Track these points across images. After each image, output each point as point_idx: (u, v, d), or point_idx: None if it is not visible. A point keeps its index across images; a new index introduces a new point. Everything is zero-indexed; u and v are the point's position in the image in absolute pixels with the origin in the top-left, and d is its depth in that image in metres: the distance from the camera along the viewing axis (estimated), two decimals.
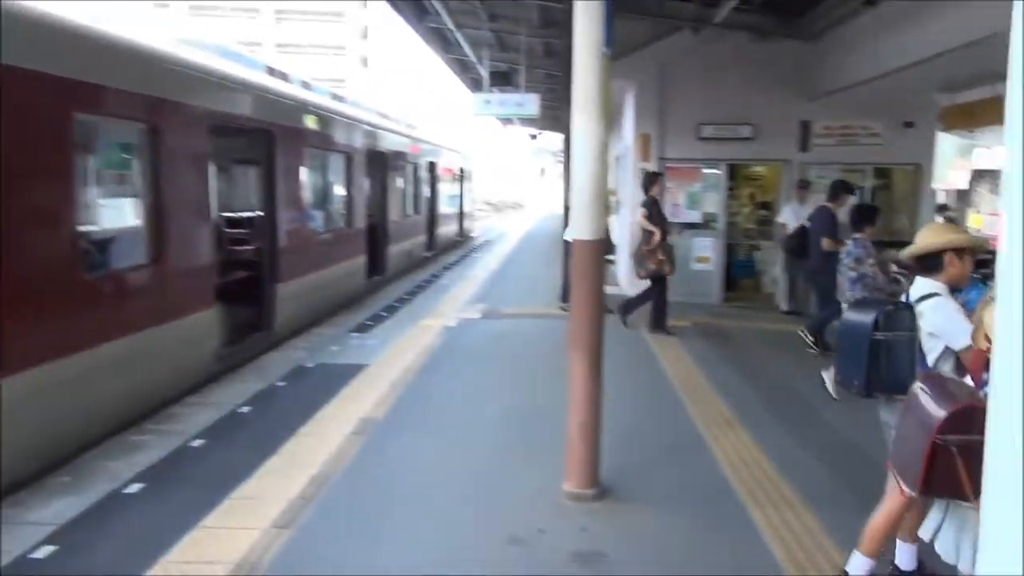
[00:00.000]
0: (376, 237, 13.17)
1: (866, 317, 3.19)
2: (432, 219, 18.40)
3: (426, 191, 17.90)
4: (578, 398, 4.26)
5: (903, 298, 3.33)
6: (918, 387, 2.79)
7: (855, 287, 6.46)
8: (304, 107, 9.75)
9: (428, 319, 9.67)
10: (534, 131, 27.17)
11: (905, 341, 3.12)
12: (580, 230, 4.19)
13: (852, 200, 8.08)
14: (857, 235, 6.59)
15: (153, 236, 6.15)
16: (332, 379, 6.71)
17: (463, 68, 17.08)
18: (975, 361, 2.81)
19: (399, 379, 6.77)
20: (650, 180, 9.18)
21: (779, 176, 11.73)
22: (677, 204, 11.36)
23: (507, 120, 21.96)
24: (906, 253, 3.41)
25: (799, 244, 8.66)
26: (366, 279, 12.41)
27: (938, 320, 3.09)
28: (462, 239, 23.52)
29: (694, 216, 11.41)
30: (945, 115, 9.88)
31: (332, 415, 5.77)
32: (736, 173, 12.39)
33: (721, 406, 6.27)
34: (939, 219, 13.80)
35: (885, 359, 3.12)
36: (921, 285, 3.24)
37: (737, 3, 9.28)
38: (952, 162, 14.91)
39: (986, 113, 8.82)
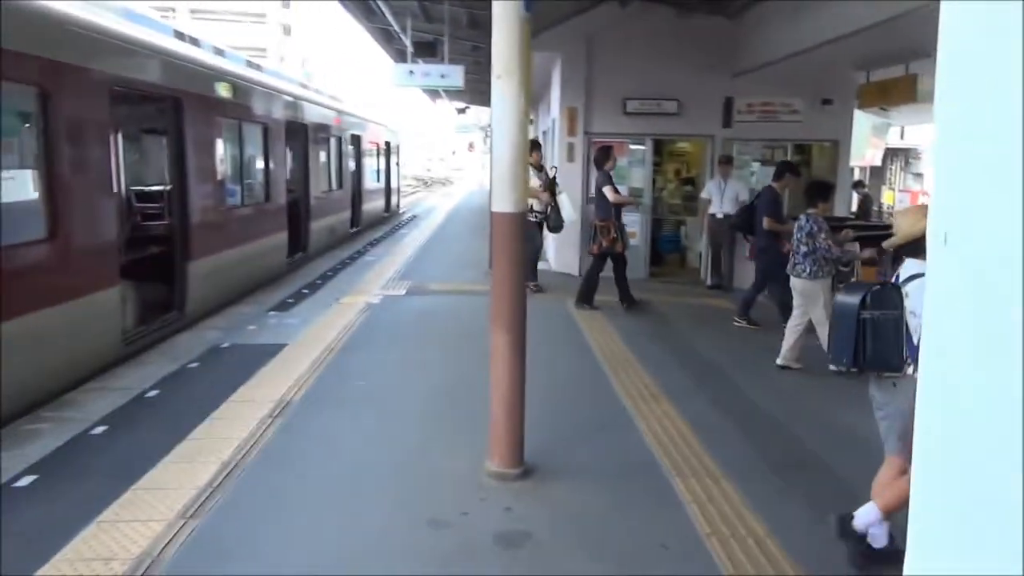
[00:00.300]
0: (297, 213, 12.72)
1: (855, 297, 3.27)
2: (357, 194, 17.93)
3: (351, 165, 17.42)
4: (501, 375, 4.14)
5: (892, 278, 3.37)
6: None
7: (806, 261, 6.57)
8: (216, 74, 9.25)
9: (351, 296, 9.40)
10: (462, 105, 26.83)
11: (891, 320, 3.18)
12: (500, 201, 4.05)
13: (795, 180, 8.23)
14: (811, 210, 6.71)
15: (48, 210, 5.71)
16: (248, 360, 6.42)
17: (387, 39, 16.58)
18: None
19: (319, 359, 6.53)
20: (604, 155, 9.12)
21: (703, 152, 11.85)
22: None
23: (434, 93, 21.55)
24: (888, 244, 3.47)
25: (745, 221, 8.73)
26: (287, 256, 11.99)
27: (919, 300, 3.15)
28: (389, 215, 23.07)
29: (622, 191, 11.40)
30: (861, 93, 10.11)
31: (247, 397, 5.51)
32: (662, 148, 12.48)
33: (647, 379, 6.27)
34: (855, 196, 14.27)
35: (871, 337, 3.20)
36: (910, 266, 3.30)
37: None
38: (868, 139, 15.38)
39: (900, 91, 9.06)
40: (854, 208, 14.17)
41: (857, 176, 14.99)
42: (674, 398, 5.80)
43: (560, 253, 11.89)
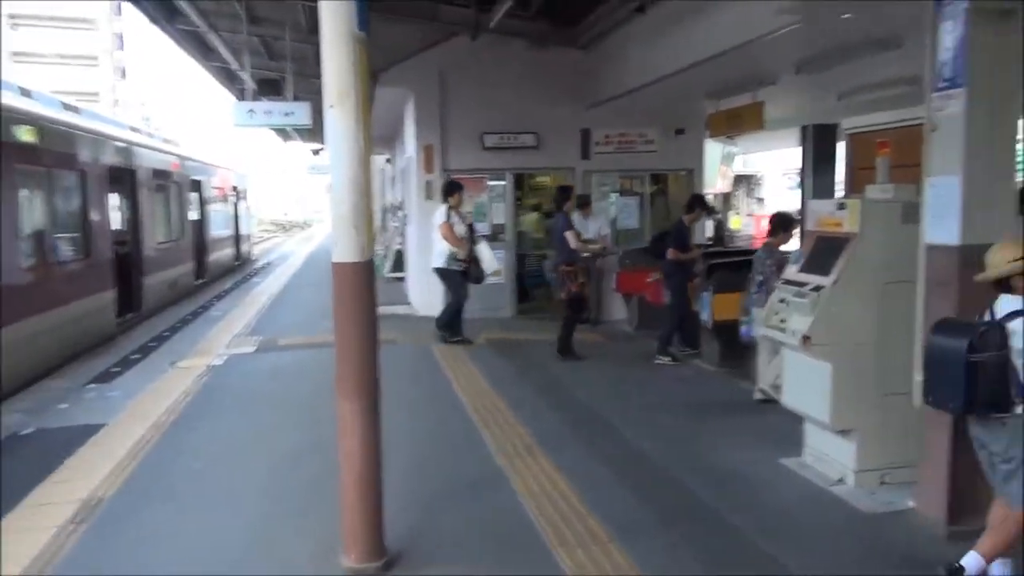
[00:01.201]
0: (129, 267, 11.44)
1: (959, 341, 3.18)
2: (201, 244, 16.61)
3: (193, 213, 16.13)
4: (351, 451, 3.51)
5: (987, 317, 3.28)
6: None
7: (762, 290, 6.32)
8: (17, 117, 8.09)
9: (190, 358, 8.39)
10: (316, 146, 25.84)
11: (999, 361, 3.10)
12: (342, 249, 3.46)
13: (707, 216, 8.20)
14: (769, 240, 6.61)
15: None
16: (54, 448, 5.39)
17: (229, 77, 15.60)
18: None
19: (144, 438, 5.59)
20: (563, 195, 8.70)
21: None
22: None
23: (285, 134, 20.56)
24: (982, 278, 3.35)
25: (658, 249, 8.54)
26: (116, 317, 10.69)
27: (1019, 339, 3.09)
28: (240, 263, 21.66)
29: (482, 228, 11.02)
30: (712, 121, 10.31)
31: (44, 499, 4.52)
32: (522, 183, 12.26)
33: (521, 430, 5.80)
34: (708, 222, 14.61)
35: (983, 380, 3.11)
36: (1007, 302, 3.23)
37: (511, 9, 9.03)
38: (717, 168, 15.93)
39: (748, 118, 9.25)
40: (710, 234, 14.51)
41: (711, 202, 15.44)
42: (551, 449, 5.34)
43: (423, 295, 11.32)
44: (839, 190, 12.85)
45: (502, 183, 11.27)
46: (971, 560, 3.37)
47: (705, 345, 8.16)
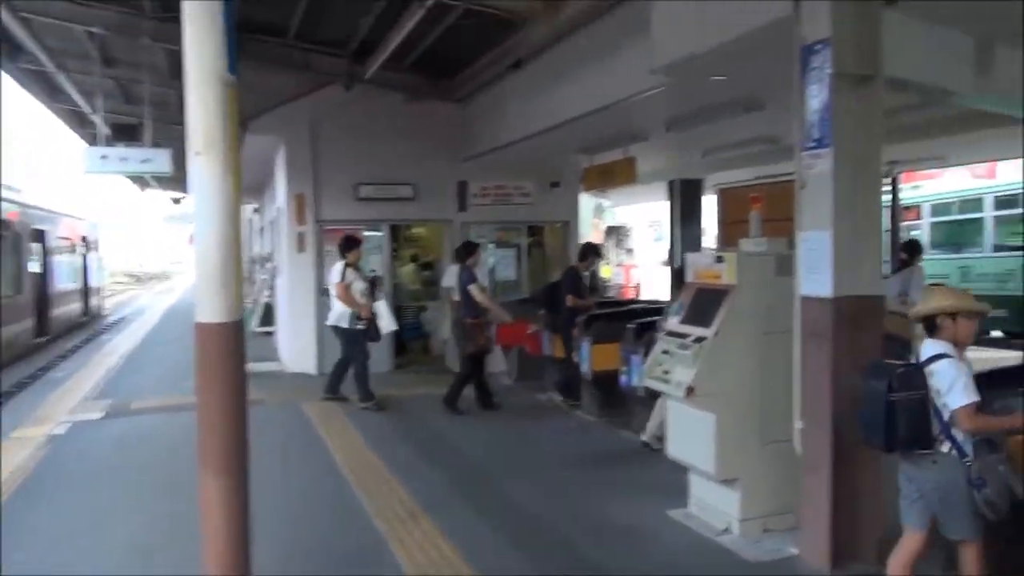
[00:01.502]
0: None
1: (881, 382, 3.33)
2: (42, 298, 15.19)
3: (34, 265, 14.76)
4: (215, 534, 3.13)
5: (912, 360, 3.47)
6: None
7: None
8: None
9: (26, 427, 7.49)
10: (177, 194, 24.53)
11: (918, 400, 3.26)
12: (206, 308, 3.13)
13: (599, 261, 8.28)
14: (577, 264, 7.09)
15: None
16: None
17: (80, 121, 14.56)
18: (968, 421, 3.20)
19: None
20: (466, 250, 8.50)
21: (441, 236, 11.60)
22: None
23: (143, 182, 19.37)
24: (912, 315, 3.58)
25: (549, 299, 8.57)
26: None
27: (943, 380, 3.27)
28: (89, 318, 20.00)
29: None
30: (585, 176, 10.56)
31: None
32: (398, 234, 12.05)
33: (403, 494, 5.49)
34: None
35: (902, 418, 3.27)
36: (930, 346, 3.40)
37: (386, 62, 8.95)
38: (590, 220, 16.36)
39: (621, 173, 9.52)
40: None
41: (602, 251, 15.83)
42: (434, 513, 5.07)
43: (294, 351, 10.77)
44: (705, 242, 13.49)
45: (378, 234, 11.01)
46: None
47: (585, 396, 8.16)
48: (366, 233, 10.90)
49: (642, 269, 22.33)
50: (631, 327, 6.88)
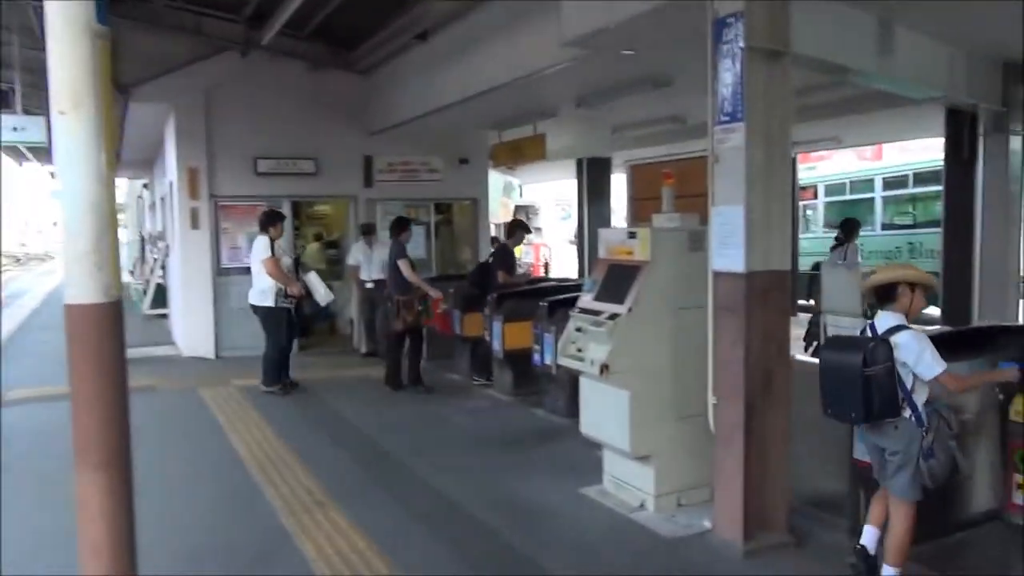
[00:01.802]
0: None
1: (853, 357, 3.39)
2: None
3: None
4: (97, 542, 2.83)
5: (867, 332, 3.59)
6: None
7: None
8: None
9: None
10: (55, 168, 22.87)
11: (887, 372, 3.35)
12: (78, 287, 2.80)
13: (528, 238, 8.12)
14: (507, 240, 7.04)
15: None
16: None
17: None
18: (954, 382, 3.39)
19: None
20: (400, 226, 8.16)
21: (346, 213, 11.21)
22: (237, 247, 10.06)
23: (19, 155, 17.90)
24: (866, 284, 3.72)
25: (482, 278, 8.31)
26: None
27: (908, 351, 3.38)
28: None
29: None
30: (495, 152, 10.40)
31: None
32: (300, 211, 11.57)
33: (309, 482, 5.24)
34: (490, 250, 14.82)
35: (877, 391, 3.35)
36: (886, 318, 3.52)
37: (286, 29, 8.49)
38: (499, 199, 16.23)
39: (531, 149, 9.42)
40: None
41: (493, 232, 15.69)
42: (344, 502, 4.85)
43: (189, 335, 10.20)
44: (614, 220, 13.58)
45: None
46: (868, 535, 3.64)
47: (497, 374, 8.06)
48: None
49: (551, 248, 22.42)
50: (543, 305, 6.79)
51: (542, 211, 26.43)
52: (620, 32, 5.15)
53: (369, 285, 9.90)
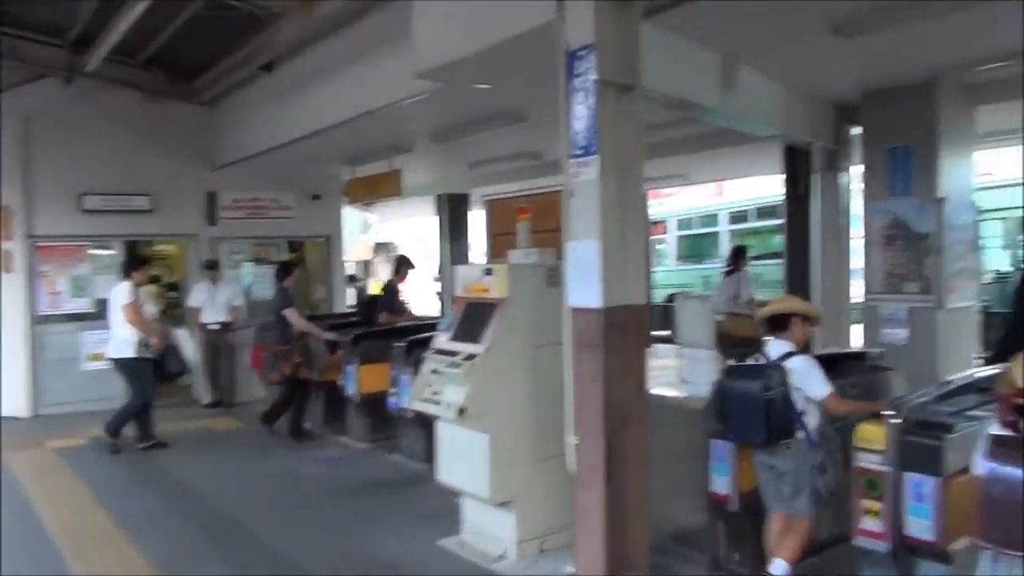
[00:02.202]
0: None
1: (753, 383, 3.62)
2: None
3: None
4: None
5: (759, 360, 3.80)
6: None
7: None
8: None
9: None
10: None
11: (783, 395, 3.58)
12: None
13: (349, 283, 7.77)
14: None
15: None
16: None
17: None
18: (837, 404, 3.65)
19: None
20: (285, 271, 7.70)
21: (187, 253, 10.43)
22: (57, 292, 9.10)
23: None
24: (760, 313, 4.00)
25: (369, 315, 8.07)
26: None
27: (801, 376, 3.63)
28: None
29: (82, 305, 9.26)
30: (349, 188, 10.04)
31: None
32: (137, 252, 10.66)
33: (131, 554, 4.64)
34: (350, 290, 14.33)
35: (774, 413, 3.56)
36: (778, 346, 3.78)
37: (116, 56, 7.85)
38: (357, 236, 15.76)
39: (386, 185, 9.16)
40: (351, 301, 14.12)
41: (352, 270, 15.20)
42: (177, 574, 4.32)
43: (2, 392, 9.05)
44: (474, 256, 13.44)
45: (109, 252, 9.61)
46: (780, 565, 3.74)
47: (353, 420, 7.62)
48: (94, 252, 9.52)
49: (411, 285, 22.08)
50: (400, 346, 6.51)
51: (402, 248, 26.12)
52: (472, 64, 5.06)
53: (213, 327, 9.21)
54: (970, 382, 3.99)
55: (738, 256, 9.07)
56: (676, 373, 4.70)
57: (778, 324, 3.85)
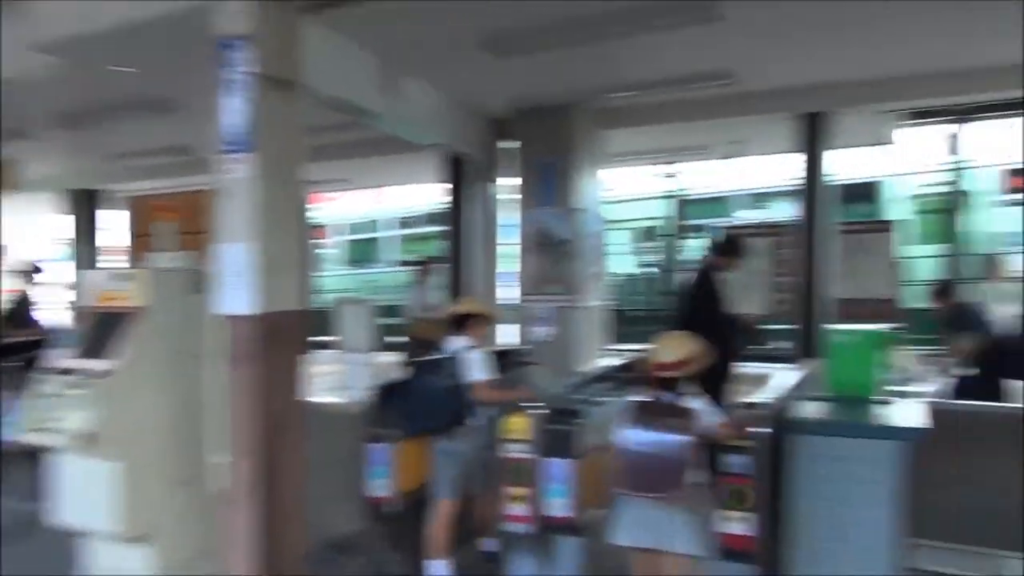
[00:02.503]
0: None
1: (433, 376, 4.00)
2: None
3: None
4: None
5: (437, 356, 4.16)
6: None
7: None
8: None
9: None
10: None
11: (460, 384, 4.01)
12: None
13: None
14: None
15: None
16: None
17: None
18: (483, 392, 4.05)
19: None
20: None
21: None
22: None
23: None
24: (445, 312, 4.47)
25: None
26: None
27: (469, 365, 4.04)
28: None
29: None
30: None
31: None
32: None
33: None
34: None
35: (453, 402, 3.98)
36: (457, 342, 4.19)
37: None
38: None
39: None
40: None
41: None
42: None
43: None
44: (113, 261, 11.86)
45: None
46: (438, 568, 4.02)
47: None
48: None
49: (47, 291, 18.89)
50: (12, 366, 5.46)
51: (32, 253, 22.35)
52: (105, 43, 4.46)
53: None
54: (599, 373, 4.59)
55: (426, 264, 9.34)
56: (337, 378, 4.64)
57: (460, 323, 4.25)
